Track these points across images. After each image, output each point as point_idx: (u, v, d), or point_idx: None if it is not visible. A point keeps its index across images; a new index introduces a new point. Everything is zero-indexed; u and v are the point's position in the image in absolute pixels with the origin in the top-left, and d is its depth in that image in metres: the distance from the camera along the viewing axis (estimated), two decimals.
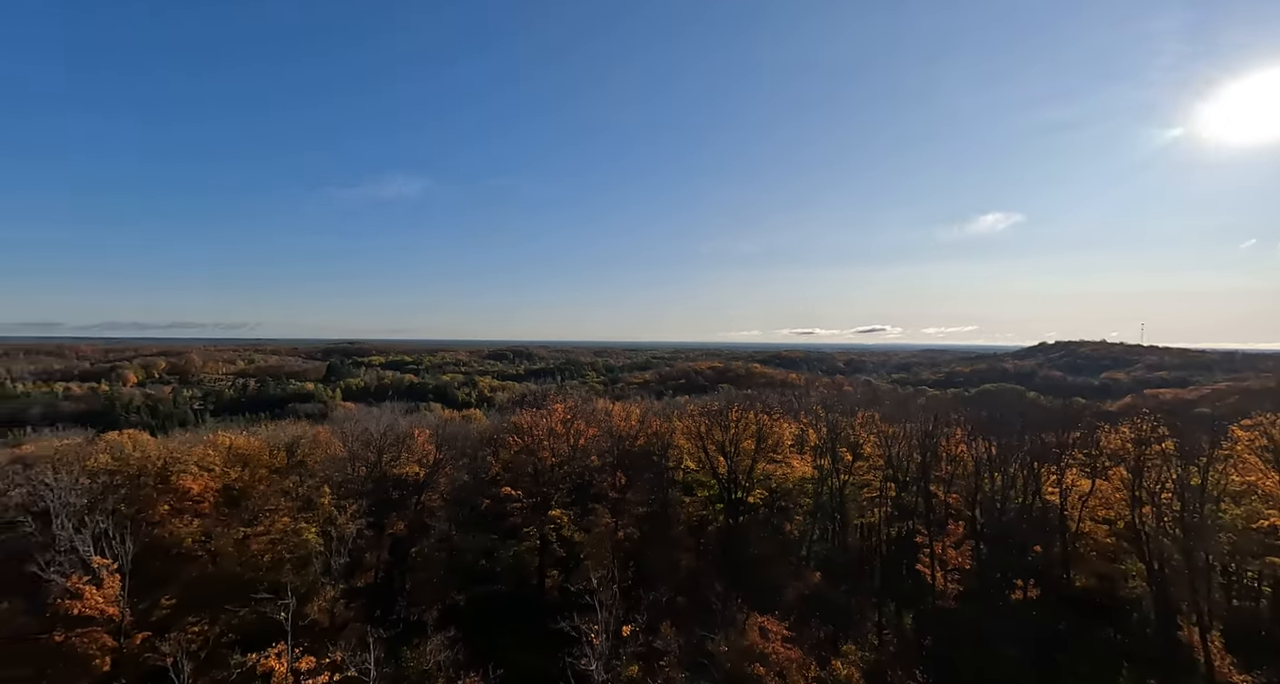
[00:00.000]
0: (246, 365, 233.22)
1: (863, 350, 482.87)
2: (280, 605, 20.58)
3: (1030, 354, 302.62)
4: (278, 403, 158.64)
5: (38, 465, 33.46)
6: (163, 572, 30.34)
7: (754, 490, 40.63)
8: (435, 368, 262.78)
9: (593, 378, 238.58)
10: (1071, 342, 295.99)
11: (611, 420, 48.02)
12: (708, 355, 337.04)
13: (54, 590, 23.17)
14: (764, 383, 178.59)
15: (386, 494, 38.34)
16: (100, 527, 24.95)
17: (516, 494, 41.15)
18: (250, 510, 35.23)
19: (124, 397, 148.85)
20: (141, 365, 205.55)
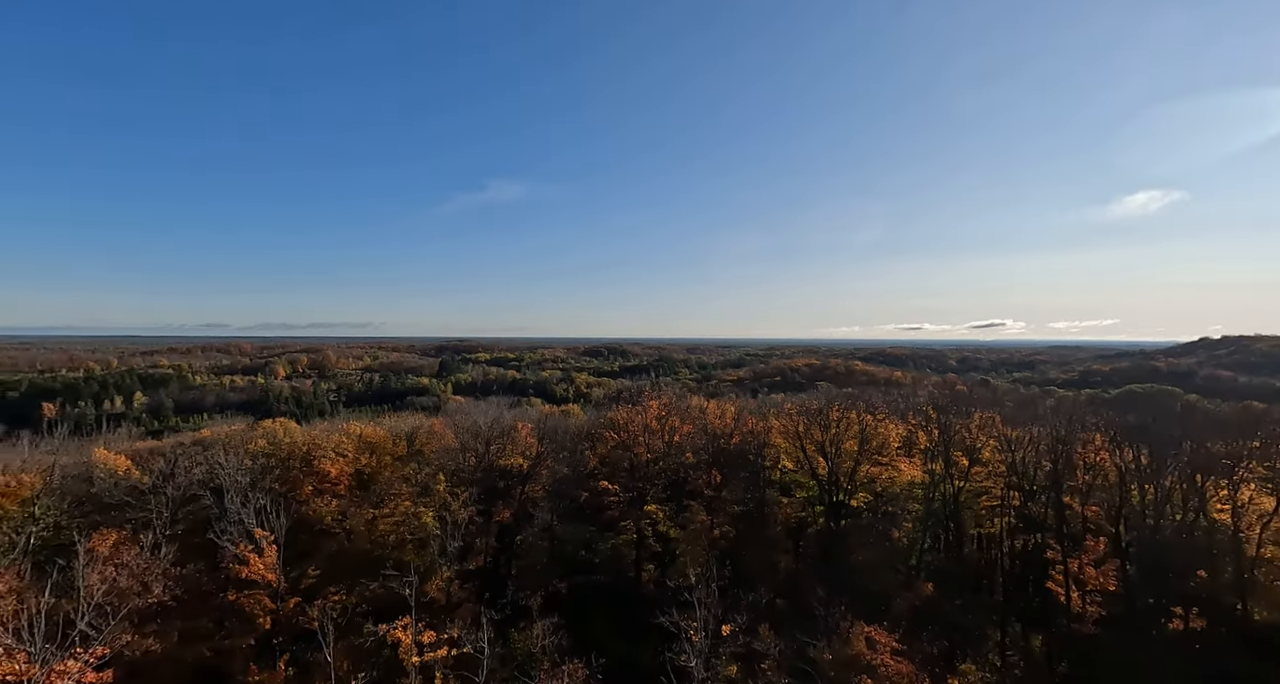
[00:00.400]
0: (372, 361, 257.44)
1: (978, 347, 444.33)
2: (405, 582, 22.56)
3: (1188, 351, 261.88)
4: (398, 395, 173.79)
5: (213, 447, 39.02)
6: (308, 545, 34.26)
7: (857, 493, 38.78)
8: (535, 364, 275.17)
9: (685, 375, 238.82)
10: (1244, 336, 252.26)
11: (706, 418, 47.81)
12: (804, 352, 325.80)
13: (226, 556, 26.95)
14: (865, 381, 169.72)
15: (494, 484, 40.75)
16: (260, 502, 28.63)
17: (613, 488, 42.25)
18: (377, 494, 38.84)
19: (275, 388, 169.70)
20: (288, 361, 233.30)
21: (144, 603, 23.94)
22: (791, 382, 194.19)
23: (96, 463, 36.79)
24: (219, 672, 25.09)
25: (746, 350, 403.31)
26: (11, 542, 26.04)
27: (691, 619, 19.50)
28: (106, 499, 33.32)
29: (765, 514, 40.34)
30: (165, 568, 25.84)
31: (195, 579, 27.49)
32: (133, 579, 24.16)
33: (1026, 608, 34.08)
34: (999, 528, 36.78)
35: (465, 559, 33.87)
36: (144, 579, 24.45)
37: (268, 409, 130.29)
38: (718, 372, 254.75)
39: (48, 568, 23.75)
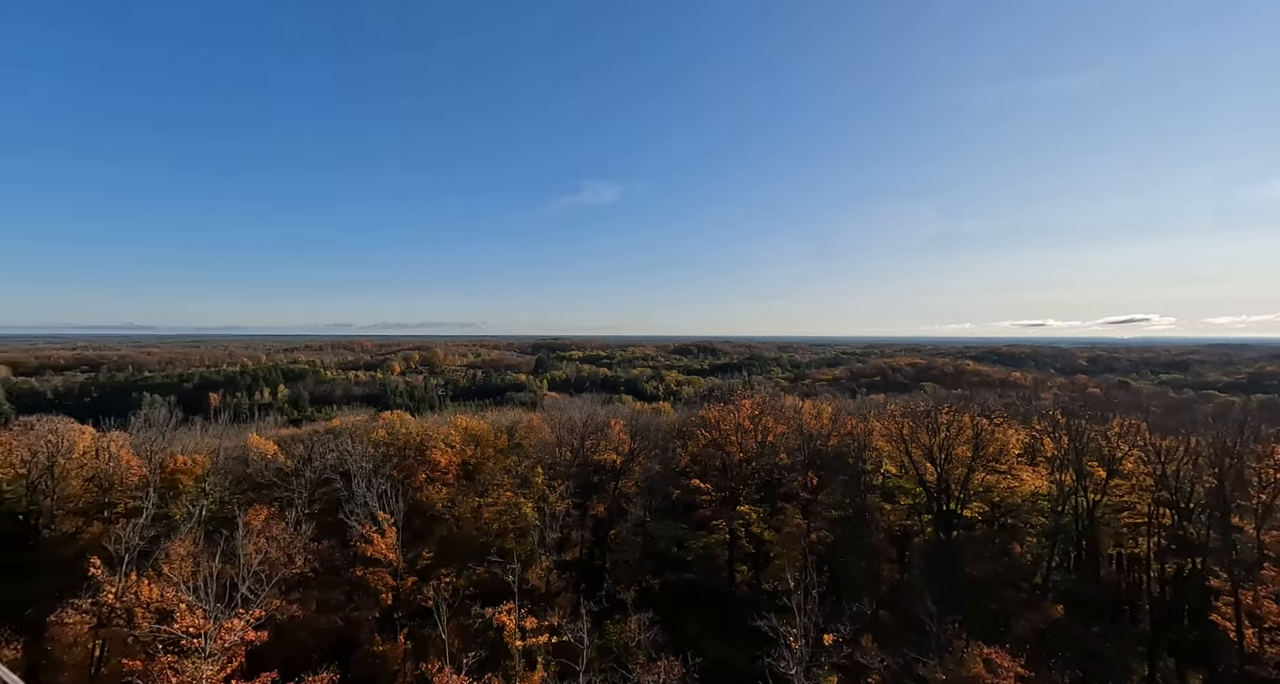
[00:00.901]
0: (474, 359, 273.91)
1: (1114, 345, 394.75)
2: (509, 569, 23.75)
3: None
4: (498, 391, 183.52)
5: (342, 436, 43.24)
6: (421, 528, 37.05)
7: (970, 503, 35.86)
8: (626, 362, 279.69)
9: (777, 373, 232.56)
10: None
11: (801, 418, 46.22)
12: (906, 351, 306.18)
13: (354, 535, 29.78)
14: (977, 382, 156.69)
15: (588, 478, 41.92)
16: (381, 487, 31.35)
17: (705, 487, 42.02)
18: (482, 484, 41.20)
19: (391, 383, 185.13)
20: (403, 358, 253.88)
21: (289, 573, 27.00)
22: (893, 382, 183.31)
23: (250, 447, 42.00)
24: (348, 639, 27.79)
25: (842, 349, 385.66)
26: (188, 512, 30.35)
27: (790, 625, 18.88)
28: (258, 479, 37.93)
29: (866, 520, 38.31)
30: (305, 543, 28.99)
31: (329, 554, 30.60)
32: (280, 551, 27.32)
33: (1181, 642, 29.86)
34: (1145, 549, 32.48)
35: (562, 550, 35.13)
36: (289, 552, 27.57)
37: (385, 402, 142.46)
38: (811, 370, 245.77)
39: (215, 537, 27.46)
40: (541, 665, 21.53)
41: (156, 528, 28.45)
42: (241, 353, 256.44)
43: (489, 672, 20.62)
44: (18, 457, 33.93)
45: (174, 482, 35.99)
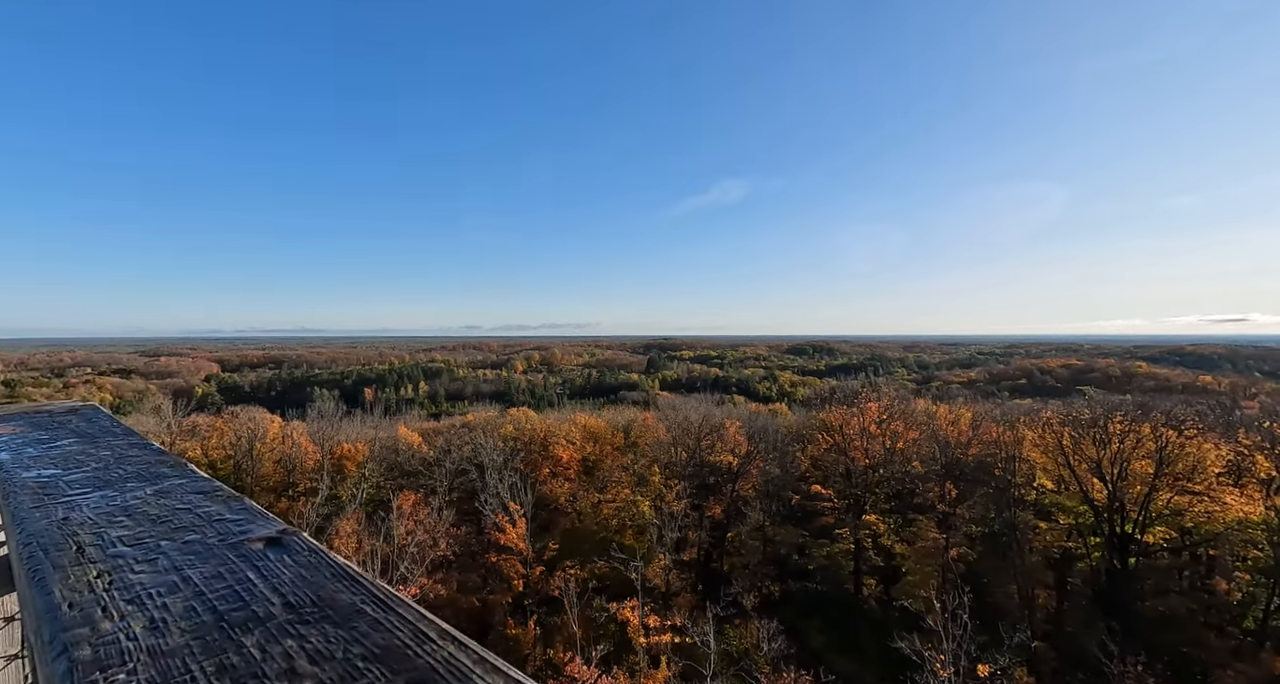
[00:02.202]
0: (589, 358, 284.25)
1: None
2: (632, 566, 24.23)
3: None
4: (611, 390, 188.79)
5: (475, 430, 46.83)
6: (546, 520, 39.03)
7: (1152, 527, 30.76)
8: (737, 362, 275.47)
9: (903, 375, 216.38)
10: None
11: (936, 424, 42.53)
12: (1058, 351, 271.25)
13: (487, 523, 32.08)
14: (1152, 387, 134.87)
15: (705, 479, 41.67)
16: (511, 480, 33.48)
17: (827, 493, 40.03)
18: (601, 480, 42.54)
19: (515, 381, 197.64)
20: (524, 357, 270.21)
21: (434, 555, 29.67)
22: (1042, 385, 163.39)
23: (400, 438, 46.79)
24: (484, 621, 29.94)
25: (977, 348, 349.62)
26: (352, 494, 34.45)
27: (935, 649, 17.33)
28: (407, 467, 42.17)
29: (1016, 539, 34.32)
30: (446, 528, 31.67)
31: (467, 540, 33.22)
32: (426, 534, 30.10)
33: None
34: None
35: (680, 550, 35.22)
36: (434, 535, 30.28)
37: (509, 398, 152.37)
38: (941, 372, 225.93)
39: (374, 518, 30.88)
40: (665, 663, 21.67)
41: (329, 507, 32.58)
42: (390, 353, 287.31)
43: (613, 665, 21.13)
44: (227, 440, 40.56)
45: (341, 466, 41.03)
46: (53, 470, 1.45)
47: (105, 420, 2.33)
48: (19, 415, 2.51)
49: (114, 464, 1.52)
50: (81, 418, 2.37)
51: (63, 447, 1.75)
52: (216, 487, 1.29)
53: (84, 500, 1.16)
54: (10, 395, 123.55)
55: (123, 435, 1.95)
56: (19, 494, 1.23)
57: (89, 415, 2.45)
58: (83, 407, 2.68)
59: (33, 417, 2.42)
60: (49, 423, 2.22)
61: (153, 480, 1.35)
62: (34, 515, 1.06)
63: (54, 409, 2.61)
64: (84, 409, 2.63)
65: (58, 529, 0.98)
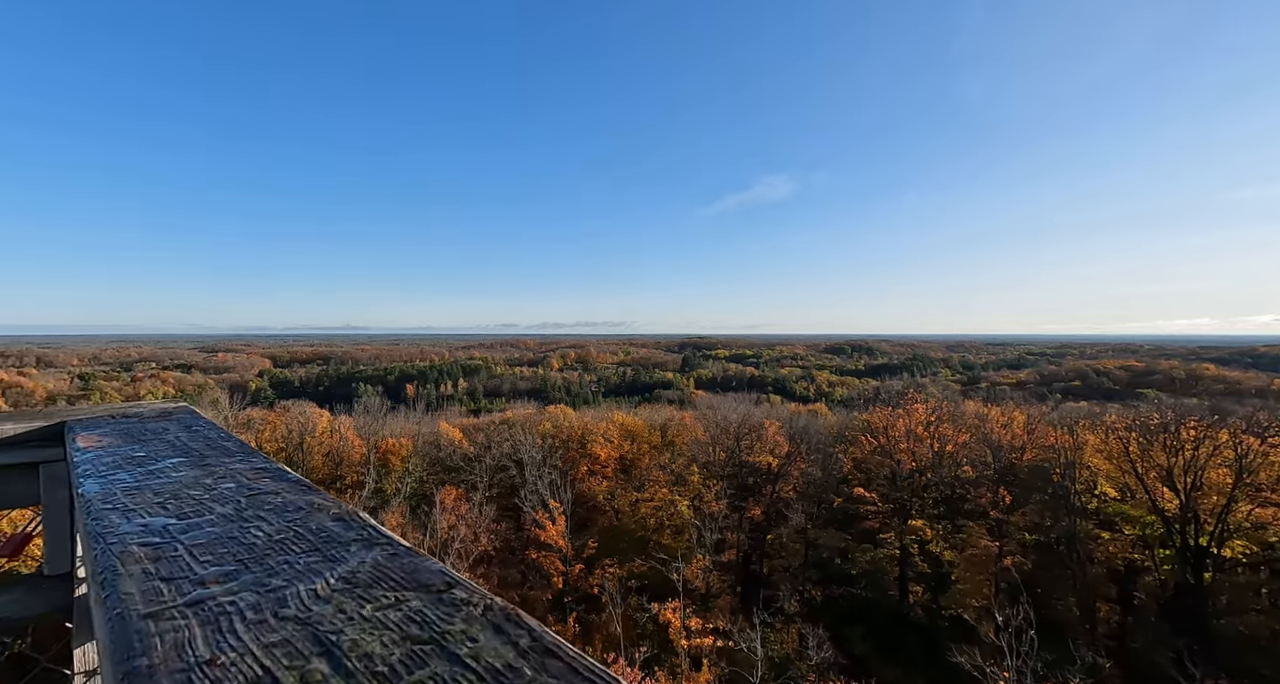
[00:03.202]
0: (624, 357, 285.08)
1: None
2: (672, 567, 23.99)
3: None
4: (647, 388, 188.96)
5: (514, 427, 47.34)
6: (584, 518, 39.13)
7: (1230, 540, 28.75)
8: (774, 361, 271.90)
9: (947, 376, 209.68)
10: None
11: (987, 427, 40.84)
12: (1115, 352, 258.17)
13: (527, 520, 32.34)
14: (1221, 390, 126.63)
15: (743, 479, 41.08)
16: (550, 477, 33.67)
17: (870, 497, 38.95)
18: (638, 479, 42.41)
19: (551, 379, 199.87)
20: (560, 355, 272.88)
21: (475, 549, 30.08)
22: (1097, 387, 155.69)
23: (441, 433, 47.71)
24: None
25: (1026, 348, 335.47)
26: (396, 488, 35.29)
27: (999, 666, 16.51)
28: (448, 463, 42.94)
29: (1075, 549, 32.65)
30: (488, 523, 32.07)
31: (507, 535, 33.57)
32: (468, 529, 30.55)
33: None
34: None
35: (719, 551, 34.78)
36: (475, 530, 30.70)
37: (545, 395, 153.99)
38: (988, 373, 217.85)
39: (418, 512, 31.50)
40: (707, 666, 21.36)
41: (374, 500, 33.42)
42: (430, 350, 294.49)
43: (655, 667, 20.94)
44: (279, 433, 42.08)
45: (385, 461, 42.07)
46: (162, 518, 0.96)
47: (208, 428, 1.97)
48: (104, 420, 2.07)
49: (249, 507, 1.03)
50: (178, 424, 2.00)
51: (167, 472, 1.28)
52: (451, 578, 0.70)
53: (229, 604, 0.60)
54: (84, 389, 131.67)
55: (239, 453, 1.49)
56: (117, 566, 0.71)
57: (186, 421, 2.08)
58: (176, 409, 2.32)
59: (120, 422, 2.03)
60: (140, 432, 1.84)
61: (330, 557, 0.79)
62: (146, 628, 0.53)
63: (144, 412, 2.23)
64: (178, 413, 2.25)
65: None
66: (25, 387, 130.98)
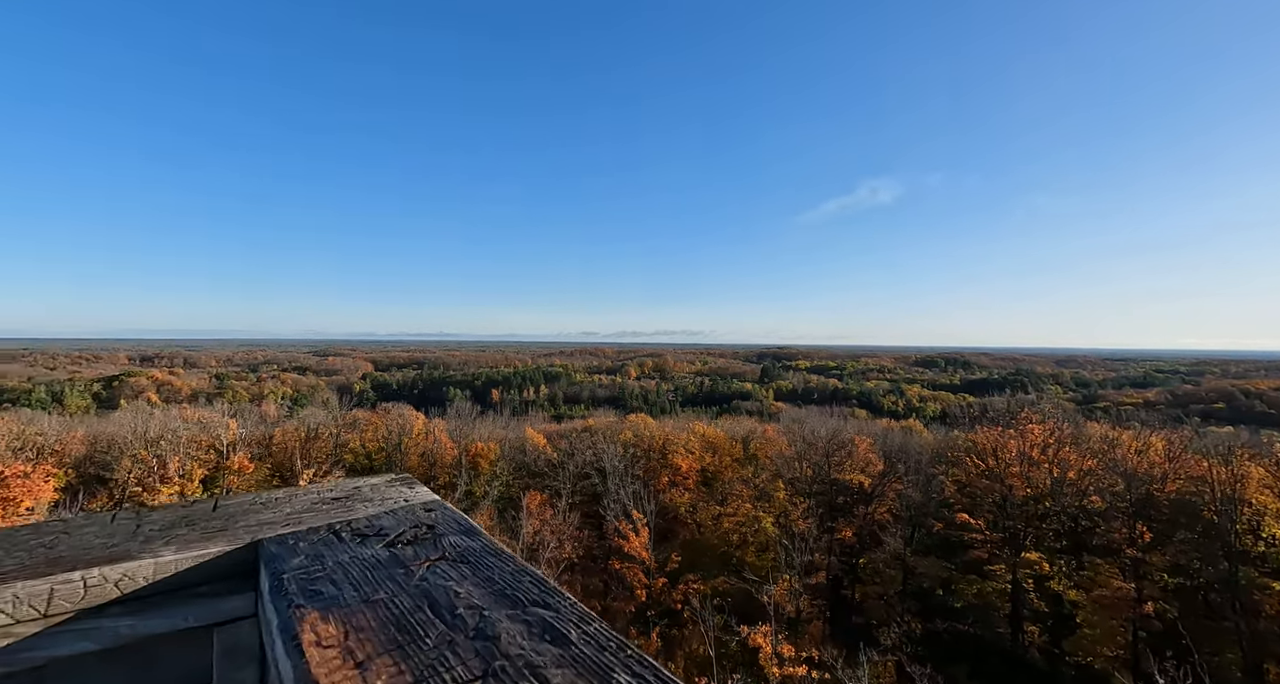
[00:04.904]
0: (702, 366, 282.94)
1: None
2: (763, 590, 22.94)
3: None
4: (724, 399, 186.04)
5: (596, 434, 47.78)
6: (665, 530, 38.59)
7: None
8: (858, 374, 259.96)
9: (1057, 393, 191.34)
10: None
11: (1116, 452, 36.37)
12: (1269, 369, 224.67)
13: (609, 529, 32.27)
14: None
15: (833, 498, 38.99)
16: (632, 486, 33.49)
17: (977, 524, 35.62)
18: (720, 492, 41.36)
19: (628, 387, 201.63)
20: (638, 364, 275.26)
21: (559, 555, 30.34)
22: (1248, 411, 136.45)
23: (527, 439, 48.98)
24: None
25: (1153, 364, 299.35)
26: (485, 491, 36.45)
27: None
28: (533, 468, 43.91)
29: (1236, 598, 28.13)
30: (571, 531, 32.31)
31: (589, 544, 33.67)
32: (551, 535, 30.89)
33: None
34: None
35: (808, 574, 33.07)
36: (559, 537, 30.99)
37: (623, 403, 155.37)
38: (1107, 391, 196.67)
39: (505, 515, 32.28)
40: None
41: (466, 502, 34.65)
42: (514, 357, 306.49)
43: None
44: (381, 433, 44.86)
45: (475, 463, 43.69)
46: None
47: (498, 560, 1.16)
48: (323, 536, 1.34)
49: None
50: (453, 558, 1.17)
51: None
52: None
53: None
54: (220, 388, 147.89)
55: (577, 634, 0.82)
56: None
57: (461, 549, 1.23)
58: (424, 504, 1.57)
59: (347, 542, 1.29)
60: (395, 577, 1.07)
61: None
62: None
63: (379, 520, 1.44)
64: (422, 511, 1.50)
65: None
66: (175, 385, 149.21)
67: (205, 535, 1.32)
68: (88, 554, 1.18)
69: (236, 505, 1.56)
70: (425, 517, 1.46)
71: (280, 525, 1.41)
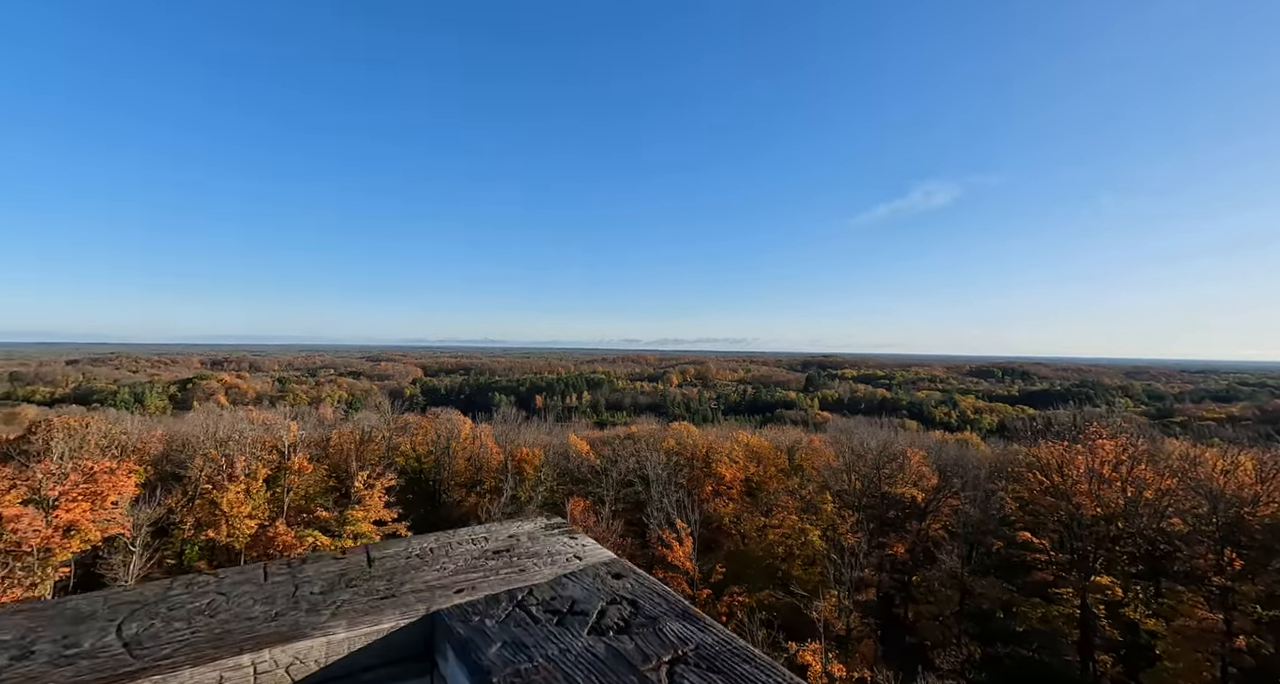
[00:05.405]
0: (745, 374, 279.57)
1: None
2: (813, 607, 22.28)
3: None
4: (767, 407, 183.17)
5: (639, 442, 47.76)
6: (709, 540, 38.09)
7: None
8: (908, 383, 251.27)
9: (1128, 406, 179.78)
10: None
11: (1198, 471, 33.74)
12: None
13: (652, 537, 32.07)
14: None
15: (883, 513, 37.66)
16: (676, 495, 33.21)
17: (1040, 544, 33.65)
18: (765, 503, 40.55)
19: (670, 394, 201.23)
20: (680, 371, 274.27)
21: None
22: None
23: (570, 445, 49.39)
24: None
25: (1237, 376, 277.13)
26: (529, 496, 36.89)
27: None
28: (576, 474, 44.19)
29: None
30: (615, 538, 32.29)
31: (632, 552, 33.56)
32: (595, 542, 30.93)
33: None
34: None
35: (858, 590, 31.97)
36: (603, 544, 30.97)
37: (665, 411, 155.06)
38: (1184, 405, 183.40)
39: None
40: None
41: (512, 507, 35.15)
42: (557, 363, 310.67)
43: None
44: (430, 437, 46.11)
45: (520, 468, 44.35)
46: None
47: (737, 660, 1.00)
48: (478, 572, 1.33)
49: None
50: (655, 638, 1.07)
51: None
52: None
53: None
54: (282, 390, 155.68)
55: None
56: None
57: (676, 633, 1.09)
58: (607, 567, 1.44)
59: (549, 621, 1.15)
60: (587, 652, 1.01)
61: None
62: None
63: (553, 576, 1.35)
64: (610, 578, 1.36)
65: None
66: (241, 388, 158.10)
67: (372, 602, 1.18)
68: (251, 628, 1.06)
69: (392, 558, 1.44)
70: (619, 587, 1.28)
71: (451, 590, 1.25)
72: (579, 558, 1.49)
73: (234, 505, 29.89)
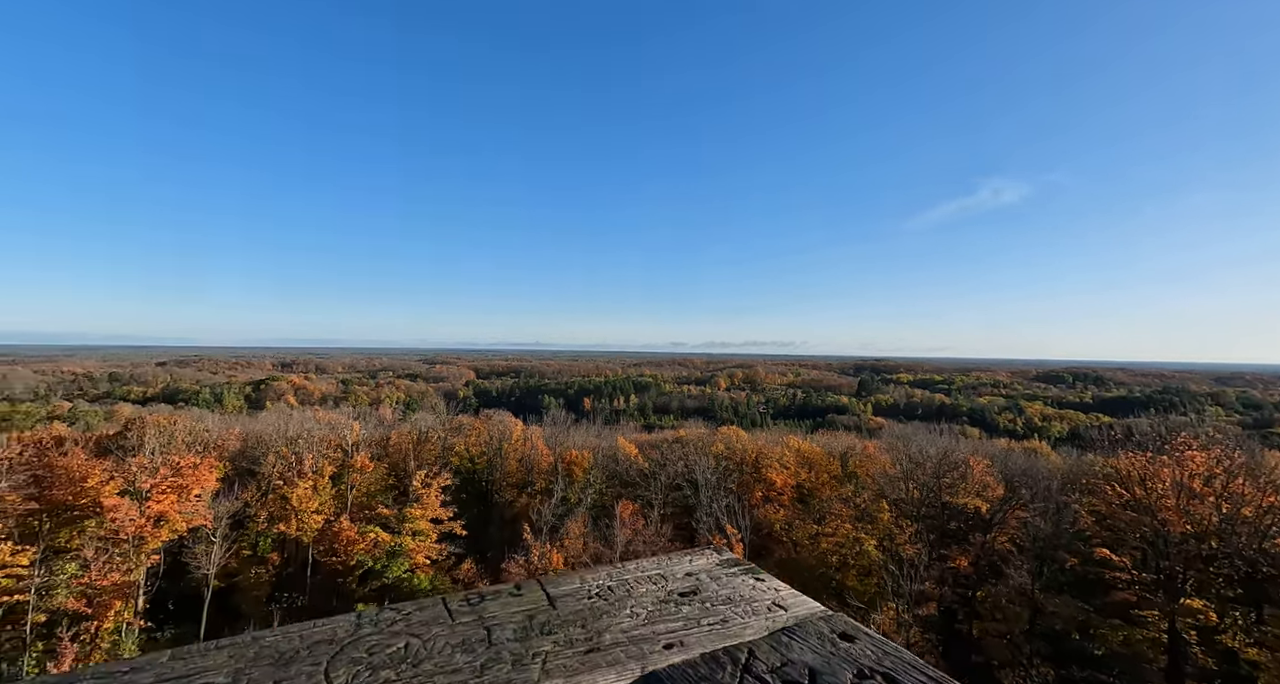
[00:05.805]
0: (794, 378, 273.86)
1: None
2: (869, 618, 21.50)
3: None
4: (818, 412, 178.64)
5: (687, 446, 47.46)
6: (759, 546, 37.43)
7: None
8: (968, 388, 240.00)
9: (1218, 414, 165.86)
10: None
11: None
12: None
13: (701, 543, 31.74)
14: None
15: (944, 523, 36.00)
16: (725, 500, 32.78)
17: (1121, 562, 31.34)
18: (817, 510, 39.47)
19: (718, 398, 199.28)
20: (727, 375, 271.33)
21: None
22: None
23: (619, 448, 49.60)
24: None
25: None
26: (579, 498, 37.22)
27: None
28: (625, 477, 44.31)
29: None
30: (664, 542, 32.12)
31: None
32: (644, 546, 30.89)
33: None
34: None
35: (918, 604, 30.64)
36: (651, 547, 30.91)
37: (713, 414, 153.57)
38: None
39: (598, 523, 32.72)
40: None
41: (562, 508, 35.56)
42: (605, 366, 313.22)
43: None
44: (483, 438, 47.28)
45: (570, 470, 44.85)
46: None
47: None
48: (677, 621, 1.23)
49: None
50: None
51: None
52: None
53: None
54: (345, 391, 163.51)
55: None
56: None
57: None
58: (826, 621, 1.28)
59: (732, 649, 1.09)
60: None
61: None
62: None
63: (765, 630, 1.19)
64: (838, 639, 1.17)
65: None
66: (309, 389, 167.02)
67: (578, 657, 1.05)
68: None
69: (573, 598, 1.31)
70: (859, 654, 1.06)
71: (659, 645, 1.10)
72: (780, 608, 1.28)
73: (303, 501, 31.47)
